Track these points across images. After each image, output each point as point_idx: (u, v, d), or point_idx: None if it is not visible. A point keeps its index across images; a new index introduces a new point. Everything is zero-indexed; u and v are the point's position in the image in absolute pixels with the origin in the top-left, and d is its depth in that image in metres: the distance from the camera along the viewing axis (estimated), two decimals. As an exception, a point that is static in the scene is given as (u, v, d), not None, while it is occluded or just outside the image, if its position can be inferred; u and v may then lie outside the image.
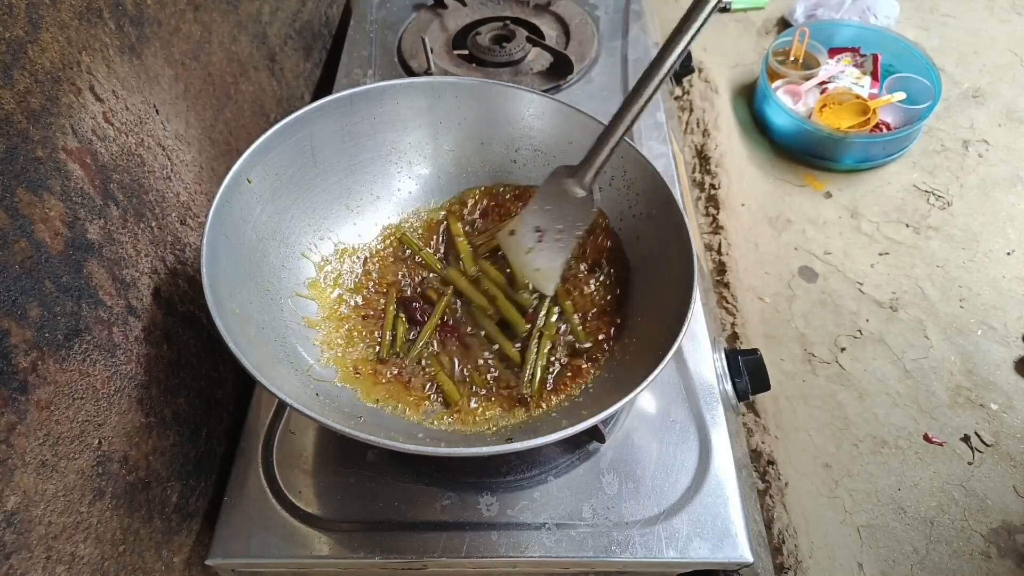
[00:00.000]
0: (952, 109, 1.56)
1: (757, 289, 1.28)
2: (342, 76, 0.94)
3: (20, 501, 0.39)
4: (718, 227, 1.35)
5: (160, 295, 0.54)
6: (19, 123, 0.41)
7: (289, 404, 0.44)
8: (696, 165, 1.46)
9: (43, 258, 0.42)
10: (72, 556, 0.43)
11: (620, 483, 0.59)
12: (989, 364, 1.16)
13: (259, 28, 0.80)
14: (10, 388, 0.38)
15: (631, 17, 1.02)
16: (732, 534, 0.56)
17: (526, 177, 0.70)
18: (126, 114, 0.52)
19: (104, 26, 0.50)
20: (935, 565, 0.96)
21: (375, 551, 0.56)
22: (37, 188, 0.42)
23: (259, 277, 0.57)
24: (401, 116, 0.67)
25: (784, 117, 1.45)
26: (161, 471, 0.53)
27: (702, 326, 0.69)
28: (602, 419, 0.46)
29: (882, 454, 1.06)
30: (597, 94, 0.91)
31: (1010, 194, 1.40)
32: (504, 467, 0.60)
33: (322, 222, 0.65)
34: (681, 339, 0.49)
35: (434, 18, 1.01)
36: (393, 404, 0.57)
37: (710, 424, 0.62)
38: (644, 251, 0.63)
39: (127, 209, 0.51)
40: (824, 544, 0.98)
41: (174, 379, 0.55)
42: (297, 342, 0.57)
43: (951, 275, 1.28)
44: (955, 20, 1.78)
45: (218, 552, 0.56)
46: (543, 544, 0.56)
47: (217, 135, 0.68)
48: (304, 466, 0.60)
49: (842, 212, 1.39)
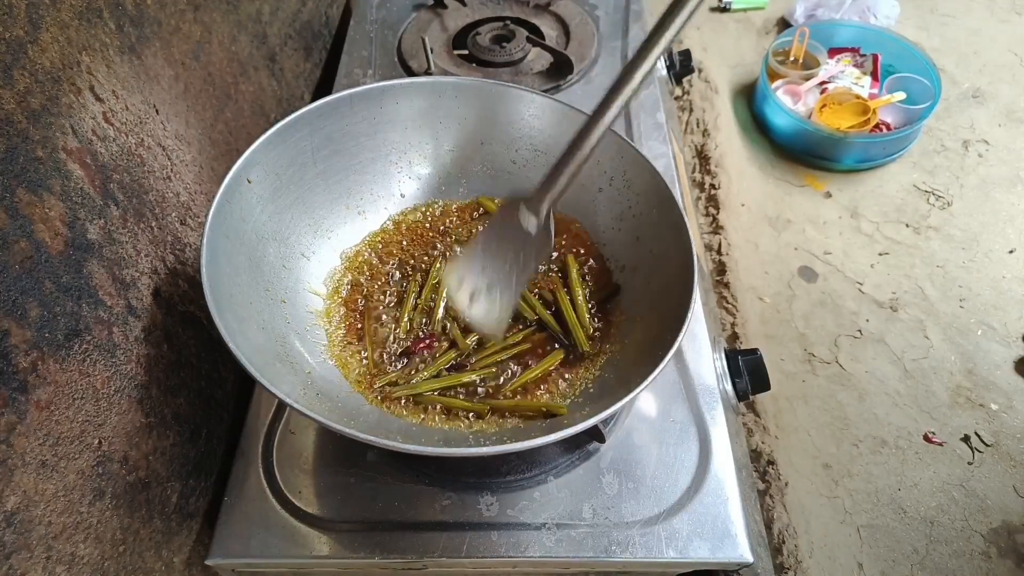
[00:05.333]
0: (952, 109, 1.56)
1: (757, 289, 1.28)
2: (342, 76, 0.94)
3: (20, 501, 0.39)
4: (718, 227, 1.35)
5: (160, 295, 0.54)
6: (19, 123, 0.41)
7: (289, 404, 0.44)
8: (696, 165, 1.46)
9: (43, 258, 0.42)
10: (72, 556, 0.43)
11: (620, 483, 0.59)
12: (989, 364, 1.16)
13: (259, 28, 0.80)
14: (10, 388, 0.38)
15: (631, 17, 1.02)
16: (732, 534, 0.56)
17: (526, 177, 0.70)
18: (126, 114, 0.52)
19: (104, 26, 0.50)
20: (935, 565, 0.96)
21: (375, 551, 0.55)
22: (37, 188, 0.42)
23: (259, 277, 0.57)
24: (401, 116, 0.67)
25: (784, 117, 1.45)
26: (161, 471, 0.53)
27: (702, 326, 0.69)
28: (602, 419, 0.46)
29: (882, 454, 1.06)
30: (597, 94, 0.90)
31: (1010, 194, 1.40)
32: (504, 467, 0.60)
33: (322, 222, 0.65)
34: (681, 339, 0.49)
35: (434, 18, 1.01)
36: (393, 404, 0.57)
37: (710, 424, 0.62)
38: (644, 251, 0.62)
39: (127, 209, 0.51)
40: (824, 544, 0.98)
41: (174, 379, 0.55)
42: (297, 342, 0.57)
43: (951, 275, 1.28)
44: (955, 20, 1.78)
45: (218, 552, 0.56)
46: (543, 544, 0.56)
47: (217, 135, 0.68)
48: (304, 466, 0.60)
49: (842, 212, 1.39)
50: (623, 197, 0.64)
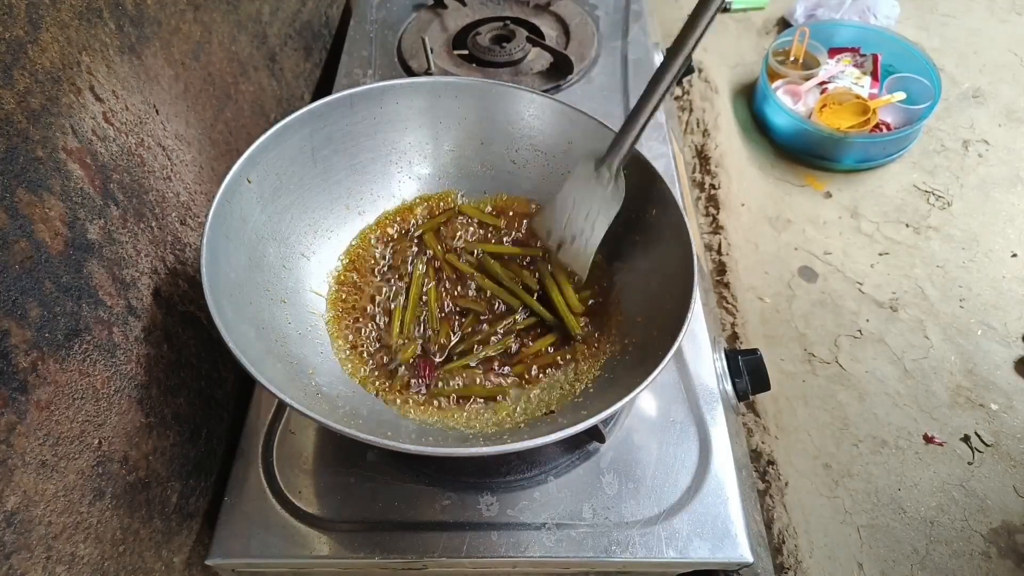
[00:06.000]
0: (952, 109, 1.56)
1: (757, 289, 1.28)
2: (342, 76, 0.94)
3: (20, 501, 0.39)
4: (718, 227, 1.35)
5: (160, 295, 0.54)
6: (19, 123, 0.41)
7: (289, 404, 0.44)
8: (696, 165, 1.46)
9: (43, 258, 0.42)
10: (72, 556, 0.43)
11: (620, 483, 0.59)
12: (989, 364, 1.16)
13: (259, 28, 0.80)
14: (10, 388, 0.38)
15: (631, 17, 1.02)
16: (732, 534, 0.56)
17: (526, 177, 0.70)
18: (126, 114, 0.52)
19: (104, 26, 0.50)
20: (935, 565, 0.96)
21: (375, 551, 0.56)
22: (37, 188, 0.42)
23: (259, 277, 0.57)
24: (401, 116, 0.67)
25: (784, 117, 1.45)
26: (161, 471, 0.53)
27: (702, 326, 0.69)
28: (602, 419, 0.46)
29: (882, 454, 1.06)
30: (597, 94, 0.91)
31: (1010, 194, 1.40)
32: (504, 467, 0.60)
33: (322, 222, 0.65)
34: (681, 339, 0.49)
35: (434, 18, 1.01)
36: (394, 404, 0.57)
37: (710, 424, 0.62)
38: (644, 251, 0.62)
39: (127, 209, 0.51)
40: (824, 544, 0.98)
41: (174, 379, 0.55)
42: (297, 342, 0.57)
43: (951, 275, 1.28)
44: (955, 20, 1.78)
45: (218, 552, 0.56)
46: (543, 544, 0.56)
47: (217, 135, 0.68)
48: (304, 466, 0.60)
49: (842, 212, 1.39)
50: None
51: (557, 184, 0.65)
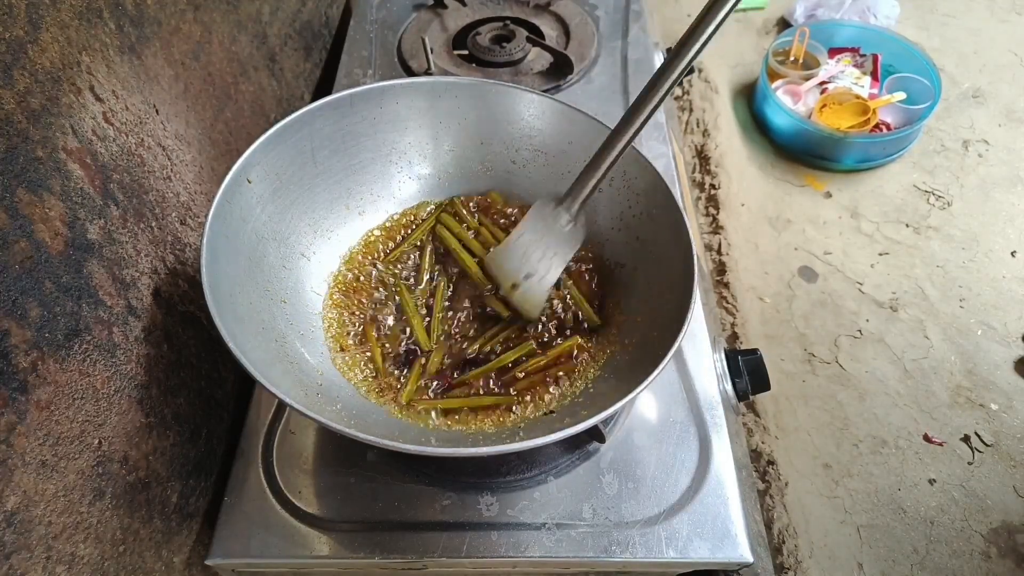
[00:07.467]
0: (952, 109, 1.56)
1: (757, 289, 1.28)
2: (342, 76, 0.94)
3: (20, 501, 0.39)
4: (718, 227, 1.35)
5: (160, 295, 0.54)
6: (19, 123, 0.41)
7: (289, 404, 0.44)
8: (696, 165, 1.46)
9: (43, 258, 0.42)
10: (72, 556, 0.43)
11: (620, 483, 0.59)
12: (989, 364, 1.16)
13: (259, 28, 0.80)
14: (10, 388, 0.38)
15: (631, 17, 1.02)
16: (732, 534, 0.56)
17: (526, 177, 0.70)
18: (126, 114, 0.52)
19: (104, 26, 0.50)
20: (935, 565, 0.96)
21: (375, 551, 0.56)
22: (37, 188, 0.42)
23: (259, 277, 0.57)
24: (401, 116, 0.67)
25: (784, 117, 1.45)
26: (161, 471, 0.53)
27: (702, 326, 0.69)
28: (602, 419, 0.46)
29: (882, 454, 1.06)
30: (597, 94, 0.91)
31: (1010, 194, 1.40)
32: (504, 467, 0.60)
33: (322, 222, 0.65)
34: (681, 339, 0.49)
35: (434, 18, 1.01)
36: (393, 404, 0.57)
37: (710, 424, 0.62)
38: (644, 251, 0.62)
39: (127, 209, 0.51)
40: (824, 544, 0.98)
41: (174, 379, 0.55)
42: (297, 342, 0.57)
43: (951, 275, 1.28)
44: (955, 20, 1.78)
45: (218, 552, 0.56)
46: (543, 544, 0.56)
47: (217, 135, 0.68)
48: (304, 466, 0.60)
49: (842, 212, 1.39)
50: (623, 197, 0.64)
51: (557, 184, 0.65)
